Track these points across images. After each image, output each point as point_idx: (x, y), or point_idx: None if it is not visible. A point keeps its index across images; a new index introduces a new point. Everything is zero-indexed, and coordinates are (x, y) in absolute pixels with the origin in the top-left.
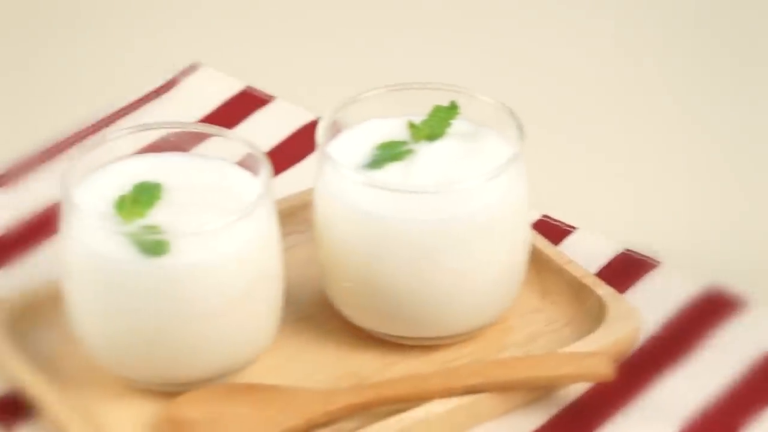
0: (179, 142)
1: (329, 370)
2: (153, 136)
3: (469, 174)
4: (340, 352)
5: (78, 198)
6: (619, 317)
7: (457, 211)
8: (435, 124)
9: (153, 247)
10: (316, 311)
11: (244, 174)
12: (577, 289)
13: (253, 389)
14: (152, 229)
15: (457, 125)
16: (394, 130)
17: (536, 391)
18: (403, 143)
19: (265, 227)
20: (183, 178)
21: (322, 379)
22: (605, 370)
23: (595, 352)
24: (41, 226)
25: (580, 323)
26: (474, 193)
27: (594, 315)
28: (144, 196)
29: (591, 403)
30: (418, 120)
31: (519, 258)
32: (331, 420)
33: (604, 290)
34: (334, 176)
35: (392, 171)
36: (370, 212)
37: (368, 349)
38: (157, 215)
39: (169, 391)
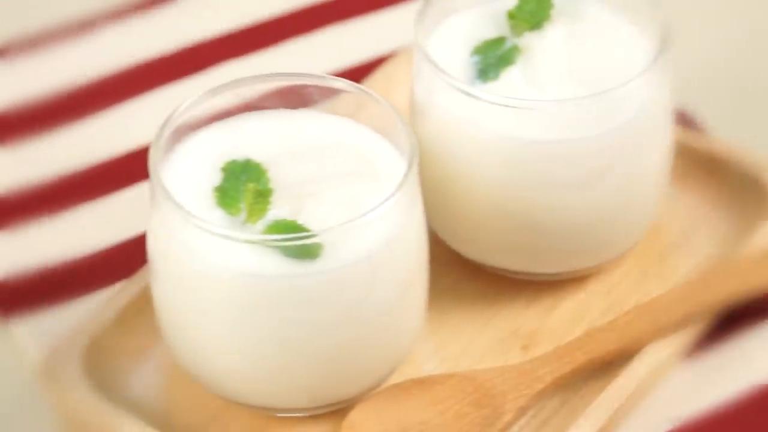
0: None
1: (487, 335)
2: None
3: (607, 68)
4: (483, 306)
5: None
6: None
7: (616, 118)
8: (535, 8)
9: (302, 252)
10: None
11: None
12: (710, 166)
13: (425, 385)
14: (300, 229)
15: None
16: (478, 25)
17: None
18: (503, 40)
19: (413, 203)
20: (293, 144)
21: (485, 349)
22: None
23: None
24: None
25: (727, 204)
26: (629, 94)
27: (738, 189)
28: (254, 180)
29: None
30: (503, 8)
31: (668, 160)
32: (533, 403)
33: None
34: (443, 93)
35: (511, 80)
36: (509, 136)
37: (513, 296)
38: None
39: (318, 414)
